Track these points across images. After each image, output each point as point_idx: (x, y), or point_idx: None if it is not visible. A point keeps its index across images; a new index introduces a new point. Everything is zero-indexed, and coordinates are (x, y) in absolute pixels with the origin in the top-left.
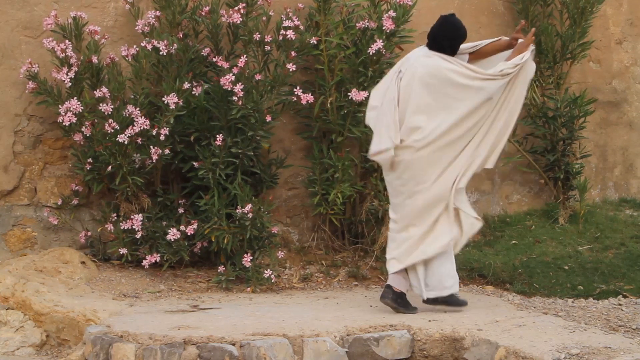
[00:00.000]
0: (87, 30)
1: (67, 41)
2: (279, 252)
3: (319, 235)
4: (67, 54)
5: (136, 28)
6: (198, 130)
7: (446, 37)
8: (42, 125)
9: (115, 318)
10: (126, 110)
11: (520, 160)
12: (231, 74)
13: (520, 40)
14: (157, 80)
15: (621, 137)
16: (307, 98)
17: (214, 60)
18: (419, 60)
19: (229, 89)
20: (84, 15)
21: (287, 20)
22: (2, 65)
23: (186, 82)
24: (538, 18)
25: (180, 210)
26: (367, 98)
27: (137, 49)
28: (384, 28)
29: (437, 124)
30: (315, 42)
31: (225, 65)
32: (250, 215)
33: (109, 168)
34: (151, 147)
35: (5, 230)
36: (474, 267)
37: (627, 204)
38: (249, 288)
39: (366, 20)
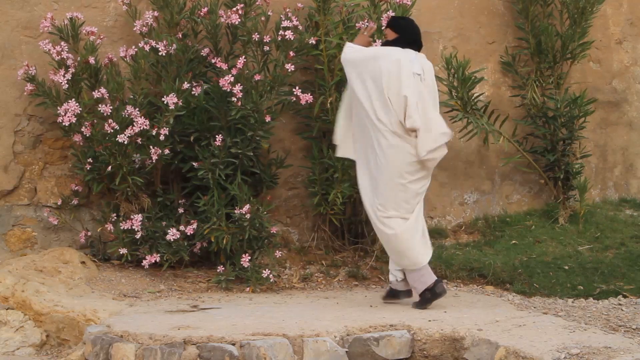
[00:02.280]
0: (84, 30)
1: (62, 43)
2: (278, 252)
3: (319, 235)
4: (62, 56)
5: (134, 29)
6: (198, 131)
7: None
8: (42, 125)
9: (115, 318)
10: (125, 111)
11: (520, 160)
12: (230, 75)
13: None
14: (157, 80)
15: (621, 137)
16: (306, 98)
17: (213, 61)
18: (425, 62)
19: (228, 89)
20: (81, 15)
21: (286, 20)
22: (2, 65)
23: (185, 82)
24: (538, 18)
25: (180, 210)
26: None
27: (136, 49)
28: (383, 28)
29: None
30: (314, 42)
31: (224, 66)
32: (248, 215)
33: (109, 168)
34: (151, 147)
35: (5, 230)
36: (474, 267)
37: (627, 203)
38: (248, 288)
39: (366, 20)
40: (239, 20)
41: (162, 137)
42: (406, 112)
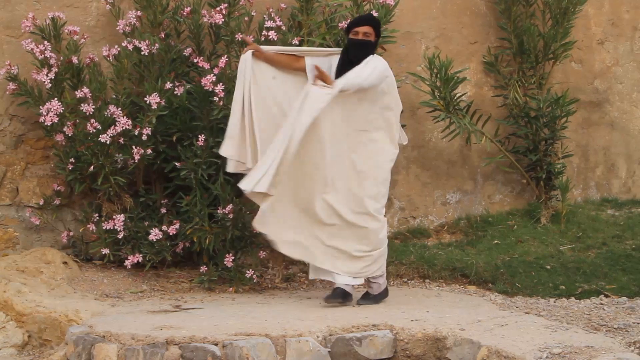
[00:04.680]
0: (66, 30)
1: (46, 42)
2: (261, 252)
3: None
4: (46, 55)
5: (117, 28)
6: (180, 130)
7: None
8: (24, 125)
9: (98, 318)
10: (108, 110)
11: (503, 160)
12: (212, 75)
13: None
14: (139, 80)
15: (603, 137)
16: None
17: (196, 60)
18: None
19: (210, 89)
20: (62, 15)
21: (269, 21)
22: None
23: (168, 82)
24: (520, 18)
25: (163, 211)
26: None
27: (119, 49)
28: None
29: None
30: (297, 42)
31: (207, 65)
32: (231, 215)
33: (91, 168)
34: (133, 147)
35: None
36: (457, 266)
37: (609, 203)
38: (231, 288)
39: (349, 20)
40: (223, 20)
41: (144, 137)
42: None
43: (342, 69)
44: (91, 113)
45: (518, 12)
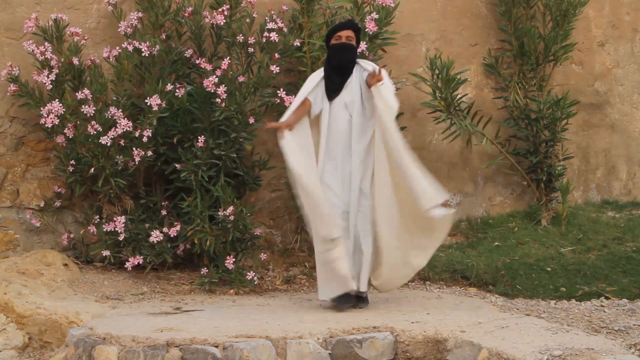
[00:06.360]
0: (68, 32)
1: (46, 43)
2: (262, 254)
3: (302, 237)
4: (46, 56)
5: (119, 29)
6: (181, 132)
7: None
8: (24, 127)
9: (98, 320)
10: (108, 112)
11: (503, 162)
12: (214, 76)
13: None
14: (140, 81)
15: (603, 139)
16: (290, 100)
17: (197, 62)
18: None
19: (212, 90)
20: (65, 17)
21: (270, 22)
22: None
23: (169, 84)
24: (521, 20)
25: (163, 212)
26: None
27: (120, 50)
28: (366, 30)
29: None
30: (298, 44)
31: (208, 67)
32: (232, 217)
33: (92, 170)
34: (134, 148)
35: None
36: (457, 268)
37: (609, 205)
38: (232, 290)
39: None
40: (224, 21)
41: (145, 139)
42: None
43: (330, 82)
44: (92, 115)
45: (518, 14)
